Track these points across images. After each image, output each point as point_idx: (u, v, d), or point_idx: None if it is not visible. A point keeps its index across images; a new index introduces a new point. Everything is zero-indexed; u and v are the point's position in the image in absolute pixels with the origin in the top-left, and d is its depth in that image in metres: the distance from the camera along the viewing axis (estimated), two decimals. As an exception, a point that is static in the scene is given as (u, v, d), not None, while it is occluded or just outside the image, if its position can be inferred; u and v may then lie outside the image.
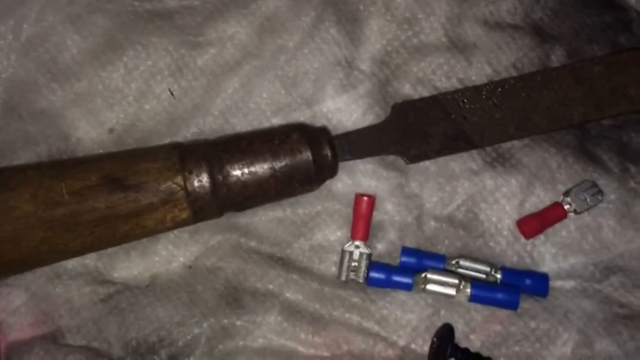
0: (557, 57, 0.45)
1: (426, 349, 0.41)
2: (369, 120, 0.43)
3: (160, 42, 0.43)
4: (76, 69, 0.42)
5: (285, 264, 0.42)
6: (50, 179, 0.37)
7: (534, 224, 0.42)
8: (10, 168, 0.40)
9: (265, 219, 0.43)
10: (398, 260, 0.42)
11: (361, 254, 0.41)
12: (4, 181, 0.37)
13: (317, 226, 0.42)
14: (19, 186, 0.37)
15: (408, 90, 0.44)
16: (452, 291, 0.41)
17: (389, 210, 0.43)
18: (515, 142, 0.43)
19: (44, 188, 0.37)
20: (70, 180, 0.37)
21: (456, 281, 0.40)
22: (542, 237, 0.42)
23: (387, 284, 0.41)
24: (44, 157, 0.42)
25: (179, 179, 0.38)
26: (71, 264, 0.41)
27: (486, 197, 0.43)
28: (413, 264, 0.41)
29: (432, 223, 0.43)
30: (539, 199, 0.43)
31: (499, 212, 0.42)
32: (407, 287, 0.41)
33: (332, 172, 0.41)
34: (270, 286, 0.41)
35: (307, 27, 0.44)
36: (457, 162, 0.43)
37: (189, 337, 0.40)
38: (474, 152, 0.43)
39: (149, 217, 0.38)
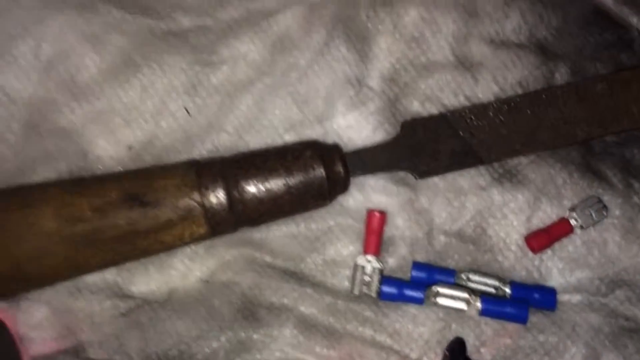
0: (561, 75, 0.46)
1: (438, 361, 0.41)
2: (378, 136, 0.44)
3: (175, 61, 0.44)
4: (95, 88, 0.43)
5: (299, 278, 0.43)
6: (71, 195, 0.38)
7: (541, 239, 0.43)
8: (32, 186, 0.40)
9: (279, 233, 0.43)
10: (409, 275, 0.43)
11: (373, 268, 0.42)
12: (26, 198, 0.38)
13: (330, 241, 0.43)
14: (41, 203, 0.38)
15: (416, 107, 0.45)
16: (462, 305, 0.41)
17: (399, 225, 0.43)
18: (522, 159, 0.44)
19: (66, 205, 0.38)
20: (91, 197, 0.38)
21: (466, 295, 0.41)
22: (549, 251, 0.43)
23: (399, 298, 0.42)
24: (64, 174, 0.42)
25: (197, 196, 0.39)
26: (91, 278, 0.41)
27: (494, 213, 0.43)
28: (424, 279, 0.42)
29: (442, 238, 0.44)
30: (546, 215, 0.43)
31: (507, 227, 0.43)
32: (419, 301, 0.42)
33: (344, 188, 0.42)
34: (285, 300, 0.42)
35: (318, 45, 0.44)
36: (465, 178, 0.44)
37: (207, 351, 0.41)
38: (481, 168, 0.44)
39: (168, 232, 0.39)
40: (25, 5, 0.41)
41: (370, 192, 0.44)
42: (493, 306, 0.41)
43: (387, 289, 0.42)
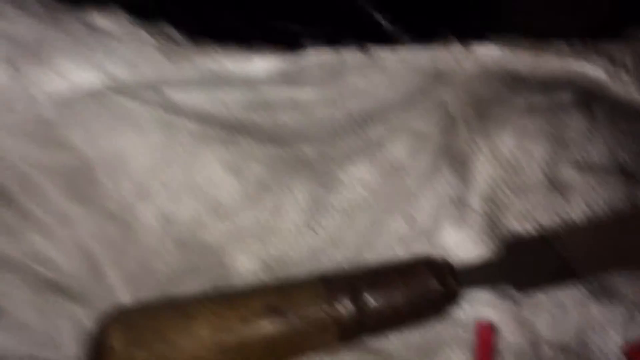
0: (644, 196, 0.50)
1: None
2: (480, 251, 0.48)
3: (302, 184, 0.49)
4: (235, 208, 0.48)
5: (416, 385, 0.46)
6: (222, 307, 0.43)
7: (639, 352, 0.46)
8: (187, 298, 0.45)
9: (395, 341, 0.46)
10: (519, 384, 0.46)
11: (485, 377, 0.46)
12: (184, 309, 0.43)
13: (442, 350, 0.46)
14: (198, 314, 0.42)
15: (514, 224, 0.49)
16: (573, 414, 0.45)
17: (505, 337, 0.46)
18: (616, 274, 0.48)
19: (218, 316, 0.42)
20: (239, 309, 0.43)
21: (575, 405, 0.45)
22: (648, 363, 0.46)
23: (513, 406, 0.45)
24: (206, 286, 0.46)
25: (328, 308, 0.43)
26: (232, 382, 0.46)
27: (594, 326, 0.46)
28: (534, 388, 0.46)
29: (547, 349, 0.46)
30: (642, 328, 0.47)
31: (606, 340, 0.46)
32: (531, 410, 0.45)
33: (454, 300, 0.46)
34: (406, 406, 0.45)
35: (425, 170, 0.50)
36: (565, 293, 0.47)
37: None
38: (578, 283, 0.48)
39: (305, 342, 0.43)
40: (181, 141, 0.47)
41: (477, 305, 0.47)
42: (601, 416, 0.44)
43: (500, 397, 0.45)
